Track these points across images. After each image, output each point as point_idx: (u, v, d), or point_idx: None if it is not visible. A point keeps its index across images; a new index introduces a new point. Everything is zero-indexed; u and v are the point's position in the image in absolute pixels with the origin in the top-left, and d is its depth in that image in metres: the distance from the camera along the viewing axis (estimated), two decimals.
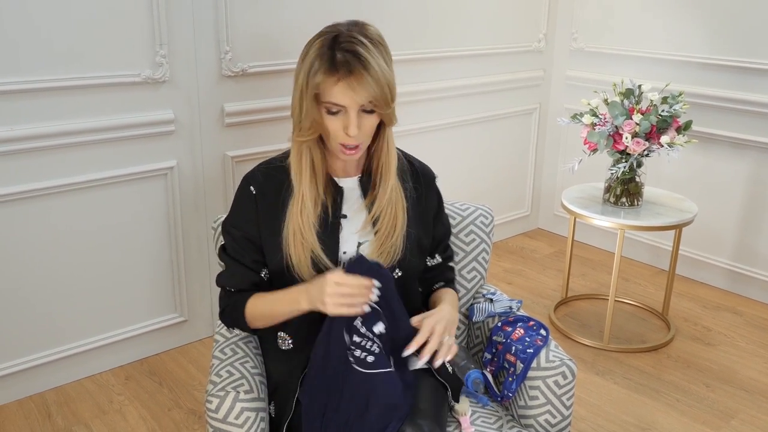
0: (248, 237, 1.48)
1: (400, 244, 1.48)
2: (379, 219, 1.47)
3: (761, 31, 2.90)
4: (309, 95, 1.35)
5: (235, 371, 1.43)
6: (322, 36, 1.37)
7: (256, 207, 1.47)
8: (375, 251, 1.46)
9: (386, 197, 1.47)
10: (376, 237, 1.47)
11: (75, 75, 2.16)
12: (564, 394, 1.51)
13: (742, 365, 2.62)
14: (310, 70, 1.35)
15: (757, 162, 3.02)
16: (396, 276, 1.50)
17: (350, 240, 1.48)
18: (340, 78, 1.32)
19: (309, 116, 1.37)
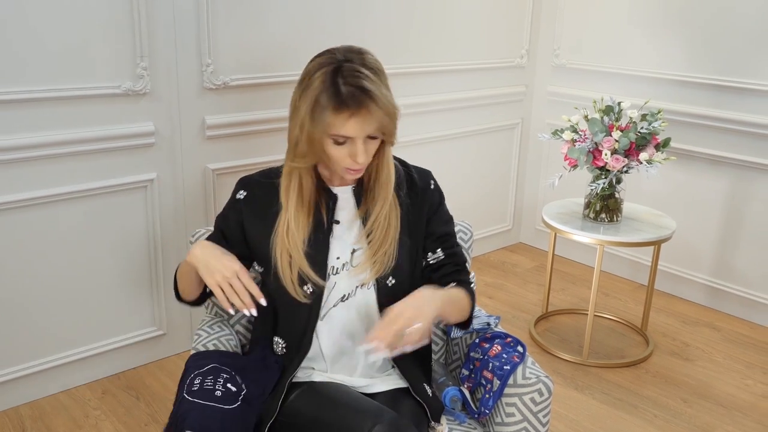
0: (223, 231, 1.53)
1: (394, 252, 1.48)
2: (374, 229, 1.48)
3: (739, 50, 2.95)
4: (315, 131, 1.35)
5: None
6: (323, 67, 1.35)
7: (242, 213, 1.51)
8: (369, 259, 1.47)
9: (382, 211, 1.48)
10: (370, 246, 1.48)
11: (54, 87, 2.15)
12: (540, 411, 1.51)
13: (719, 380, 2.64)
14: (314, 105, 1.34)
15: (735, 179, 3.06)
16: (389, 284, 1.50)
17: (343, 246, 1.49)
18: (352, 114, 1.33)
19: (311, 148, 1.38)
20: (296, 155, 1.41)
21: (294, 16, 2.59)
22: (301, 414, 1.42)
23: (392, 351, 1.32)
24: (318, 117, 1.34)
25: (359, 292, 1.50)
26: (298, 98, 1.39)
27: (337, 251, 1.48)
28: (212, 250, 1.42)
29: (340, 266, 1.48)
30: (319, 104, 1.33)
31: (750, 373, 2.70)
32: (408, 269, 1.53)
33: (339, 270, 1.48)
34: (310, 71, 1.38)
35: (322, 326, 1.50)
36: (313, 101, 1.34)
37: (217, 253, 1.41)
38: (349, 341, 1.52)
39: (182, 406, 1.36)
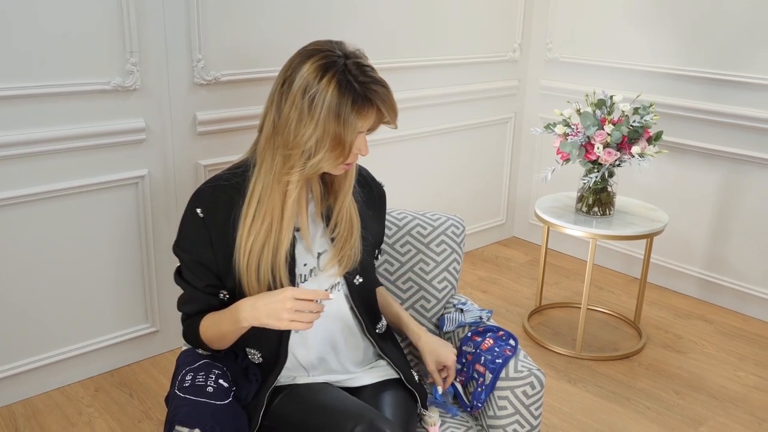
0: (200, 261, 1.42)
1: (358, 247, 1.48)
2: (338, 225, 1.47)
3: (732, 43, 2.95)
4: (347, 134, 1.32)
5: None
6: (329, 71, 1.31)
7: (207, 230, 1.40)
8: (335, 257, 1.46)
9: (344, 205, 1.47)
10: (335, 243, 1.47)
11: (43, 83, 2.13)
12: (532, 404, 1.51)
13: (711, 373, 2.65)
14: (339, 111, 1.30)
15: (726, 172, 3.07)
16: (357, 283, 1.51)
17: (307, 251, 1.47)
18: (378, 108, 1.34)
19: (336, 153, 1.34)
20: (309, 165, 1.34)
21: (285, 11, 2.58)
22: (285, 419, 1.41)
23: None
24: (346, 121, 1.30)
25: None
26: (305, 108, 1.30)
27: (303, 258, 1.46)
28: (257, 302, 1.33)
29: (307, 273, 1.46)
30: (342, 109, 1.29)
31: (742, 365, 2.71)
32: (371, 266, 1.55)
33: (307, 277, 1.46)
34: (308, 78, 1.31)
35: (296, 335, 1.48)
36: (336, 107, 1.29)
37: (263, 300, 1.32)
38: (327, 346, 1.51)
39: (174, 402, 1.36)
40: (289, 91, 1.33)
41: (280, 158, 1.36)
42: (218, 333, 1.42)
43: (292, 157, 1.34)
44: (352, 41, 1.40)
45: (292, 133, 1.33)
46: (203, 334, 1.44)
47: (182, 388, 1.38)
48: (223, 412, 1.35)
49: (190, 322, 1.48)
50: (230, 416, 1.36)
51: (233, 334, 1.40)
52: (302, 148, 1.33)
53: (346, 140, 1.32)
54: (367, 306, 1.55)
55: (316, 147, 1.32)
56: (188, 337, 1.49)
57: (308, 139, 1.31)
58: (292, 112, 1.32)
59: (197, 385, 1.38)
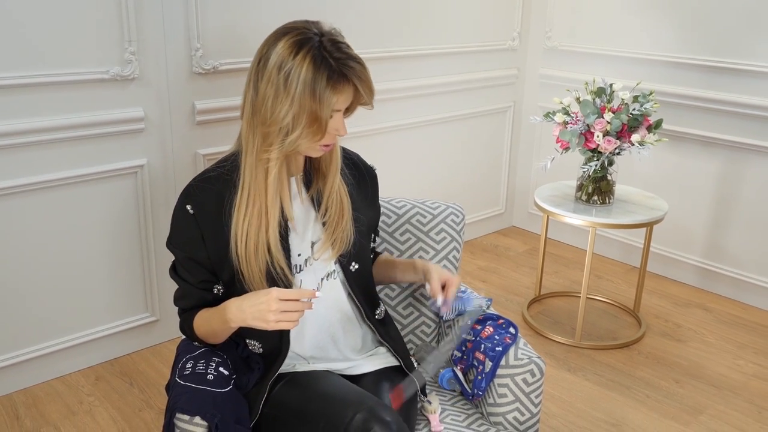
0: (192, 257, 1.42)
1: (350, 229, 1.48)
2: (328, 209, 1.46)
3: (731, 30, 2.94)
4: (323, 111, 1.31)
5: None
6: (303, 47, 1.30)
7: (198, 226, 1.40)
8: (327, 240, 1.46)
9: (333, 187, 1.46)
10: (326, 227, 1.46)
11: (41, 72, 2.12)
12: (532, 392, 1.52)
13: (711, 361, 2.65)
14: (314, 86, 1.29)
15: (726, 160, 3.07)
16: (353, 270, 1.51)
17: (302, 241, 1.47)
18: (354, 84, 1.33)
19: (312, 130, 1.33)
20: (287, 142, 1.33)
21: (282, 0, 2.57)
22: (286, 407, 1.41)
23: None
24: (321, 97, 1.29)
25: (326, 285, 1.49)
26: (281, 84, 1.30)
27: (297, 248, 1.46)
28: (243, 303, 1.33)
29: (302, 263, 1.46)
30: (318, 84, 1.29)
31: (741, 353, 2.72)
32: (367, 251, 1.55)
33: (302, 267, 1.46)
34: (283, 54, 1.30)
35: (301, 326, 1.47)
36: (311, 82, 1.29)
37: (248, 302, 1.32)
38: (325, 336, 1.51)
39: (174, 390, 1.36)
40: (265, 69, 1.33)
41: (259, 137, 1.36)
42: (210, 330, 1.44)
43: (271, 134, 1.34)
44: (351, 29, 1.40)
45: (269, 111, 1.32)
46: (197, 330, 1.46)
47: (183, 376, 1.38)
48: (224, 399, 1.36)
49: (185, 318, 1.49)
50: (231, 404, 1.36)
51: (224, 332, 1.42)
52: (279, 125, 1.32)
53: (322, 116, 1.32)
54: (365, 292, 1.55)
55: (293, 123, 1.32)
56: (184, 331, 1.50)
57: (285, 115, 1.31)
58: (269, 89, 1.32)
59: (198, 373, 1.39)
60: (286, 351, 1.46)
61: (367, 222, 1.56)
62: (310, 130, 1.33)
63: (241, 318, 1.33)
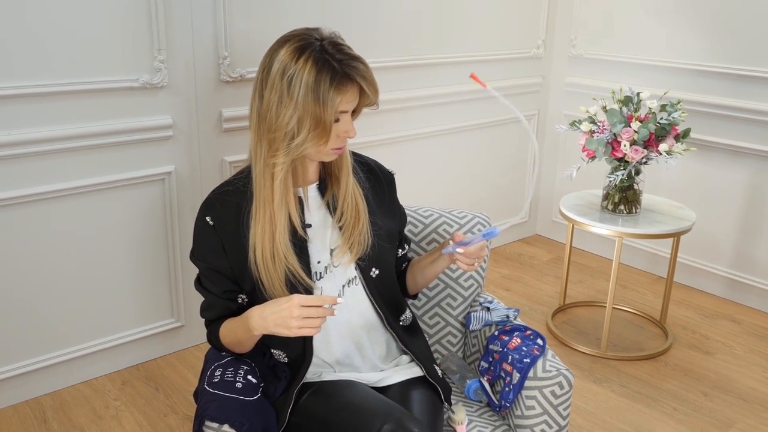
0: (215, 268, 1.44)
1: (368, 232, 1.48)
2: (344, 213, 1.47)
3: (760, 38, 2.90)
4: (326, 114, 1.31)
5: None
6: (305, 51, 1.32)
7: (218, 237, 1.42)
8: (345, 244, 1.46)
9: (348, 189, 1.47)
10: (343, 231, 1.47)
11: (73, 80, 2.16)
12: (560, 405, 1.50)
13: (740, 374, 2.61)
14: (317, 89, 1.30)
15: (755, 170, 3.02)
16: (374, 276, 1.50)
17: (321, 249, 1.47)
18: (359, 85, 1.34)
19: (320, 133, 1.34)
20: (293, 147, 1.34)
21: (309, 8, 2.59)
22: (312, 416, 1.41)
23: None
24: (324, 99, 1.30)
25: (347, 292, 1.49)
26: (284, 90, 1.31)
27: (316, 255, 1.46)
28: (265, 311, 1.33)
29: (322, 270, 1.46)
30: (320, 86, 1.30)
31: None
32: (388, 256, 1.54)
33: (322, 274, 1.46)
34: (285, 60, 1.32)
35: (318, 335, 1.47)
36: (313, 85, 1.30)
37: (270, 309, 1.32)
38: (350, 343, 1.51)
39: (203, 398, 1.37)
40: (269, 77, 1.35)
41: (266, 143, 1.37)
42: (235, 339, 1.45)
43: (276, 139, 1.35)
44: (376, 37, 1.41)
45: (274, 116, 1.34)
46: (223, 340, 1.48)
47: (212, 383, 1.39)
48: (252, 407, 1.36)
49: (211, 328, 1.50)
50: (259, 412, 1.37)
51: (249, 341, 1.43)
52: (284, 130, 1.33)
53: (327, 119, 1.33)
54: (387, 298, 1.55)
55: (298, 127, 1.33)
56: (212, 342, 1.52)
57: (289, 120, 1.32)
58: (273, 96, 1.33)
59: (226, 380, 1.39)
60: (309, 358, 1.46)
61: (387, 228, 1.55)
62: (315, 133, 1.34)
63: (262, 325, 1.33)
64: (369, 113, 2.90)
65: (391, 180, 1.62)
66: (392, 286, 1.57)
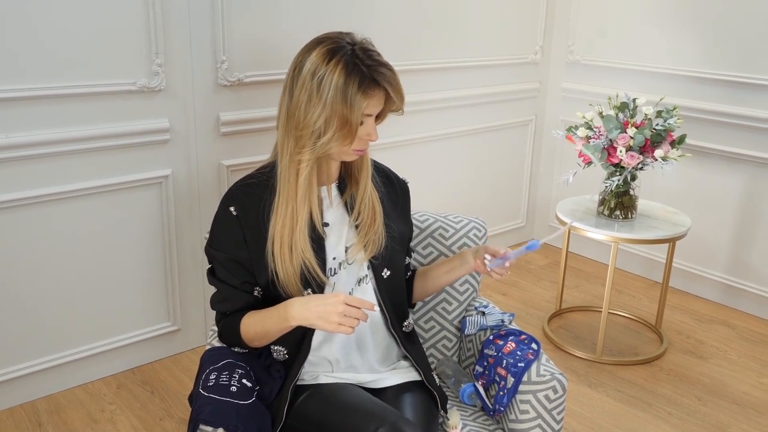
0: (236, 259, 1.46)
1: (382, 233, 1.52)
2: (361, 213, 1.51)
3: (755, 45, 2.92)
4: (353, 115, 1.36)
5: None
6: (336, 54, 1.36)
7: (241, 228, 1.45)
8: (360, 242, 1.50)
9: (366, 191, 1.51)
10: (359, 229, 1.50)
11: (71, 83, 2.16)
12: (554, 409, 1.51)
13: (734, 379, 2.62)
14: (345, 91, 1.35)
15: (750, 176, 3.04)
16: (385, 276, 1.53)
17: (337, 245, 1.50)
18: (385, 90, 1.39)
19: (346, 133, 1.38)
20: (319, 145, 1.39)
21: (308, 13, 2.60)
22: (308, 418, 1.43)
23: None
24: (352, 101, 1.35)
25: (358, 291, 1.51)
26: (314, 89, 1.36)
27: (332, 252, 1.49)
28: (309, 302, 1.37)
29: (336, 266, 1.49)
30: (349, 89, 1.35)
31: (765, 371, 2.68)
32: (399, 259, 1.57)
33: (336, 270, 1.49)
34: (317, 61, 1.37)
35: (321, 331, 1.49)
36: (342, 87, 1.34)
37: (315, 302, 1.36)
38: (351, 341, 1.53)
39: (198, 401, 1.37)
40: (299, 76, 1.39)
41: (293, 140, 1.42)
42: (261, 330, 1.45)
43: (303, 137, 1.40)
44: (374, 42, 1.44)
45: (302, 114, 1.38)
46: (244, 332, 1.47)
47: (206, 387, 1.39)
48: (247, 411, 1.37)
49: (227, 321, 1.50)
50: (254, 416, 1.37)
51: (278, 332, 1.44)
52: (311, 128, 1.38)
53: (353, 120, 1.37)
54: (395, 301, 1.57)
55: (324, 126, 1.37)
56: (226, 335, 1.51)
57: (317, 119, 1.37)
58: (302, 95, 1.38)
59: (221, 384, 1.40)
60: (306, 354, 1.48)
61: (400, 233, 1.58)
62: (341, 133, 1.38)
63: (304, 316, 1.36)
64: None
65: (406, 189, 1.67)
66: (401, 289, 1.60)
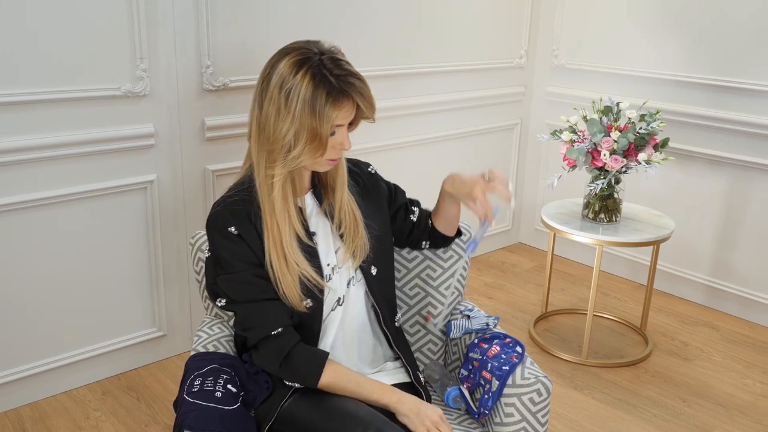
0: (257, 274, 1.42)
1: (366, 236, 1.52)
2: (342, 222, 1.51)
3: (738, 50, 2.95)
4: (323, 127, 1.34)
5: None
6: (304, 65, 1.34)
7: (247, 244, 1.42)
8: (348, 251, 1.51)
9: (343, 199, 1.51)
10: (344, 239, 1.51)
11: (54, 89, 2.15)
12: (539, 411, 1.52)
13: (718, 380, 2.64)
14: (314, 103, 1.33)
15: (733, 178, 3.07)
16: (374, 273, 1.54)
17: (327, 251, 1.51)
18: (354, 100, 1.37)
19: (316, 145, 1.36)
20: (290, 159, 1.37)
21: (293, 18, 2.60)
22: (294, 420, 1.43)
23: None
24: (321, 113, 1.33)
25: (351, 292, 1.52)
26: (282, 103, 1.34)
27: (325, 259, 1.50)
28: (421, 402, 1.44)
29: (330, 272, 1.50)
30: (317, 101, 1.33)
31: (749, 372, 2.71)
32: (384, 255, 1.58)
33: (331, 276, 1.50)
34: (284, 73, 1.35)
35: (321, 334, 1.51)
36: (310, 99, 1.33)
37: (425, 404, 1.43)
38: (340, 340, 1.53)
39: (182, 407, 1.37)
40: (268, 89, 1.38)
41: (265, 154, 1.40)
42: (353, 388, 1.43)
43: (274, 151, 1.38)
44: (359, 47, 1.43)
45: (272, 128, 1.37)
46: (330, 377, 1.42)
47: (191, 393, 1.39)
48: (231, 417, 1.36)
49: (299, 352, 1.43)
50: (238, 421, 1.37)
51: (366, 398, 1.43)
52: (281, 142, 1.37)
53: (323, 133, 1.35)
54: (386, 297, 1.58)
55: (294, 140, 1.36)
56: (292, 369, 1.43)
57: (287, 133, 1.35)
58: (271, 108, 1.36)
59: (206, 390, 1.39)
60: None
61: (381, 228, 1.58)
62: (311, 146, 1.36)
63: (401, 401, 1.42)
64: None
65: (371, 174, 1.65)
66: (390, 284, 1.62)
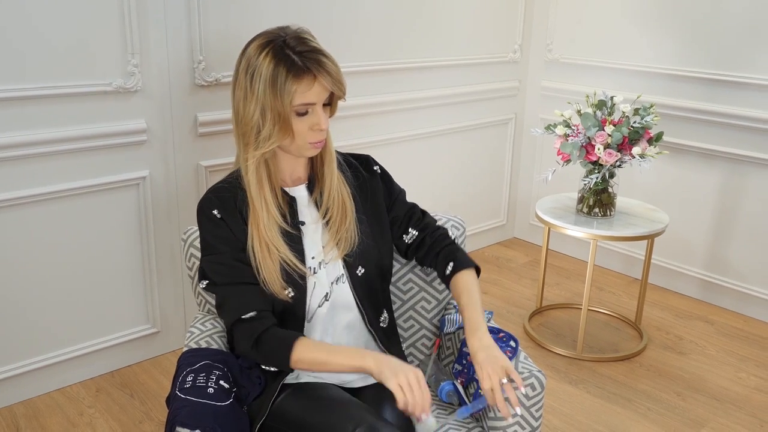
0: (237, 258, 1.43)
1: (355, 230, 1.51)
2: (329, 209, 1.50)
3: (732, 43, 2.95)
4: (283, 105, 1.35)
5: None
6: (267, 47, 1.37)
7: (229, 228, 1.44)
8: (332, 240, 1.49)
9: (333, 185, 1.50)
10: (329, 226, 1.50)
11: (45, 84, 2.14)
12: (533, 406, 1.51)
13: (713, 374, 2.65)
14: (273, 81, 1.34)
15: (727, 172, 3.07)
16: (359, 274, 1.53)
17: (314, 244, 1.50)
18: (314, 76, 1.36)
19: (280, 126, 1.37)
20: (260, 141, 1.39)
21: (285, 12, 2.59)
22: (287, 417, 1.42)
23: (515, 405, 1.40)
24: (281, 91, 1.34)
25: (336, 289, 1.51)
26: (248, 85, 1.36)
27: (311, 251, 1.49)
28: (391, 358, 1.36)
29: (316, 265, 1.49)
30: (277, 79, 1.34)
31: (743, 366, 2.71)
32: (374, 255, 1.55)
33: (316, 270, 1.49)
34: (250, 56, 1.38)
35: (308, 330, 1.50)
36: (270, 78, 1.34)
37: (396, 361, 1.36)
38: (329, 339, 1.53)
39: (175, 404, 1.36)
40: (237, 74, 1.41)
41: (242, 140, 1.43)
42: (323, 358, 1.38)
43: (247, 134, 1.41)
44: (354, 41, 1.43)
45: (242, 111, 1.40)
46: (300, 352, 1.38)
47: (183, 389, 1.38)
48: (224, 413, 1.36)
49: (271, 334, 1.41)
50: (231, 417, 1.36)
51: (341, 366, 1.38)
52: (251, 125, 1.39)
53: (285, 110, 1.36)
54: (371, 297, 1.56)
55: (261, 121, 1.37)
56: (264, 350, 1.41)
57: (253, 114, 1.37)
58: (240, 92, 1.39)
59: (198, 386, 1.39)
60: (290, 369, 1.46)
61: (377, 228, 1.57)
62: (278, 126, 1.37)
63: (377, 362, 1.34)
64: (347, 117, 2.90)
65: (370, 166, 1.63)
66: (376, 286, 1.59)
